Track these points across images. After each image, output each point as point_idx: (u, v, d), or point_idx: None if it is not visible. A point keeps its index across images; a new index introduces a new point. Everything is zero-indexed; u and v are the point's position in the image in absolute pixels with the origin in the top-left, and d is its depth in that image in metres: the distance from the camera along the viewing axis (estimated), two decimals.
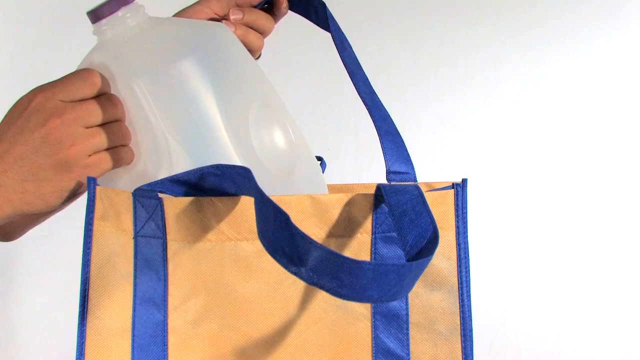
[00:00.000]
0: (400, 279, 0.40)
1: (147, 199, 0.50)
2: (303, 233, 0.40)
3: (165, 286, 0.51)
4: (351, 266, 0.39)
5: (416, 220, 0.47)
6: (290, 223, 0.41)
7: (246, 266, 0.52)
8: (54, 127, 0.50)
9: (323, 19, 0.63)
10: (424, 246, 0.45)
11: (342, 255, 0.39)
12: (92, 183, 0.50)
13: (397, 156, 0.55)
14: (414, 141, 0.61)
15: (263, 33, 0.66)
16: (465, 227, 0.55)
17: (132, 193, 0.51)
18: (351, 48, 0.62)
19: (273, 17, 0.67)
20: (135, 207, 0.51)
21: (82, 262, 0.49)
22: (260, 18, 0.64)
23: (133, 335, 0.50)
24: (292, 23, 0.69)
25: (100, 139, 0.52)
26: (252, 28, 0.64)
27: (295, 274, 0.42)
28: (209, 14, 0.63)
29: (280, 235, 0.42)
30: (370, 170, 1.47)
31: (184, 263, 0.51)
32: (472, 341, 0.54)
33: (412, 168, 0.56)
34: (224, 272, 0.51)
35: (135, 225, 0.51)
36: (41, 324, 1.44)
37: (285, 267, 0.42)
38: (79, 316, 0.49)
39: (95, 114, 0.52)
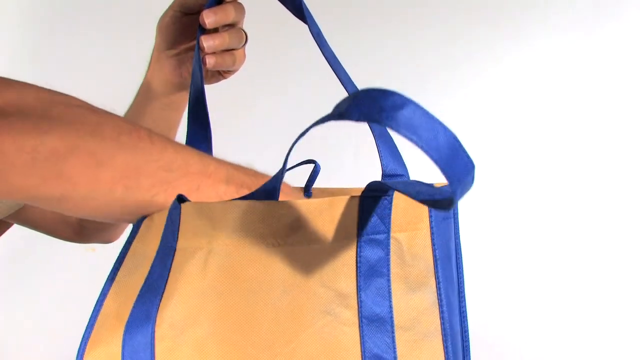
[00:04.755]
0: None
1: (174, 208, 0.49)
2: None
3: (161, 296, 0.49)
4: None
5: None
6: None
7: (235, 274, 0.50)
8: None
9: (299, 8, 0.60)
10: None
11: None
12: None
13: (391, 158, 0.55)
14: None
15: (239, 47, 0.58)
16: (440, 227, 0.54)
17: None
18: (327, 44, 0.58)
19: None
20: (167, 218, 0.49)
21: (107, 279, 0.49)
22: (232, 35, 0.57)
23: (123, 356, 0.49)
24: (291, 23, 0.68)
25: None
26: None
27: None
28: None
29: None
30: (370, 171, 1.47)
31: (182, 271, 0.49)
32: (459, 341, 0.53)
33: (406, 170, 0.56)
34: (212, 279, 0.49)
35: (163, 236, 0.49)
36: (41, 324, 1.45)
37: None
38: (80, 349, 0.49)
39: None
